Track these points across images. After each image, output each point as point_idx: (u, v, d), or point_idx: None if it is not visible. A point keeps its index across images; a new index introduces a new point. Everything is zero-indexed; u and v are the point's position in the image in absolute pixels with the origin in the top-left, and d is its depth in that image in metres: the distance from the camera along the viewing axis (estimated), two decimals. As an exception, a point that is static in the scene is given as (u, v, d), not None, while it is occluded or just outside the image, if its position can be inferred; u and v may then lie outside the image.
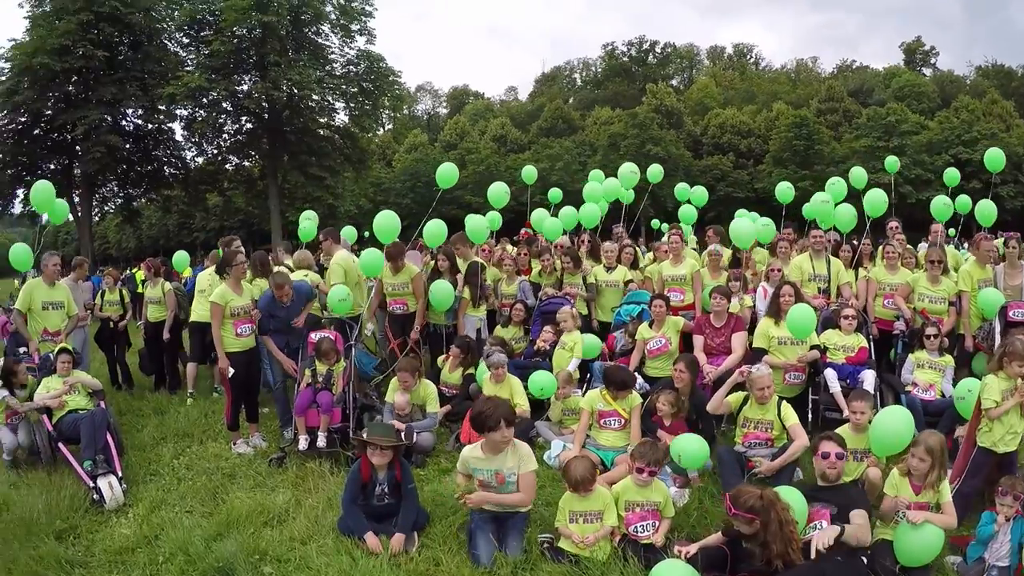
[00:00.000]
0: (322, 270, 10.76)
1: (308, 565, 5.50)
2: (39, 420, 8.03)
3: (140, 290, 12.65)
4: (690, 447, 6.33)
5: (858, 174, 12.35)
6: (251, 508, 6.57)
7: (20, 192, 40.31)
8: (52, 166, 40.86)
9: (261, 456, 8.23)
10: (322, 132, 45.10)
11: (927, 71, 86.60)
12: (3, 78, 38.23)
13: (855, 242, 10.48)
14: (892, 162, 15.58)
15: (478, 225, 10.65)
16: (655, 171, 13.64)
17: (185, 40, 42.44)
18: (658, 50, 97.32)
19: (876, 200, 10.25)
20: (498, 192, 11.25)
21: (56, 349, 8.54)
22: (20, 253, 9.85)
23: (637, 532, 5.62)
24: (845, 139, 65.34)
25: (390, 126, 63.39)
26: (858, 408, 6.41)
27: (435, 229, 9.57)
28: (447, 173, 10.77)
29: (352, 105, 45.21)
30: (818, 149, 63.21)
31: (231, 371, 8.17)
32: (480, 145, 72.13)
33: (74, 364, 8.55)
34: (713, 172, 64.37)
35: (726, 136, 70.10)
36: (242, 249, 9.54)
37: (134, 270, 20.71)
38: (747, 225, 10.71)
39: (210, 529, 6.20)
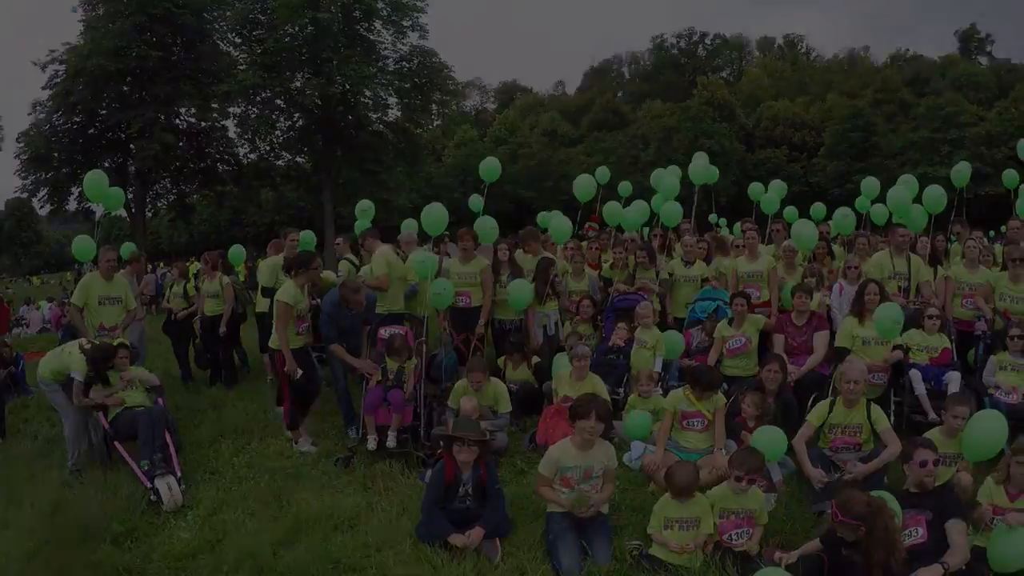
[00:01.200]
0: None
1: (386, 574, 5.26)
2: (95, 417, 7.89)
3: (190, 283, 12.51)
4: (767, 437, 6.23)
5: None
6: (319, 511, 6.35)
7: (75, 190, 40.82)
8: (107, 164, 41.39)
9: (325, 455, 8.00)
10: (375, 128, 45.08)
11: (983, 59, 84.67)
12: (58, 80, 38.80)
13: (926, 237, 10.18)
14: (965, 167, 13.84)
15: (561, 225, 10.44)
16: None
17: (238, 40, 42.69)
18: (707, 41, 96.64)
19: (934, 196, 9.97)
20: (585, 184, 11.01)
21: (114, 344, 8.30)
22: (84, 244, 9.88)
23: (731, 540, 5.45)
24: (901, 130, 63.86)
25: (439, 121, 63.46)
26: (960, 413, 6.07)
27: (485, 226, 9.38)
28: (490, 166, 11.12)
29: (405, 100, 45.14)
30: (875, 141, 61.98)
31: (299, 372, 7.93)
32: (531, 140, 71.91)
33: (131, 360, 8.40)
34: (767, 165, 63.21)
35: (779, 129, 69.19)
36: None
37: (187, 263, 20.77)
38: (810, 228, 10.38)
39: (277, 533, 5.99)
